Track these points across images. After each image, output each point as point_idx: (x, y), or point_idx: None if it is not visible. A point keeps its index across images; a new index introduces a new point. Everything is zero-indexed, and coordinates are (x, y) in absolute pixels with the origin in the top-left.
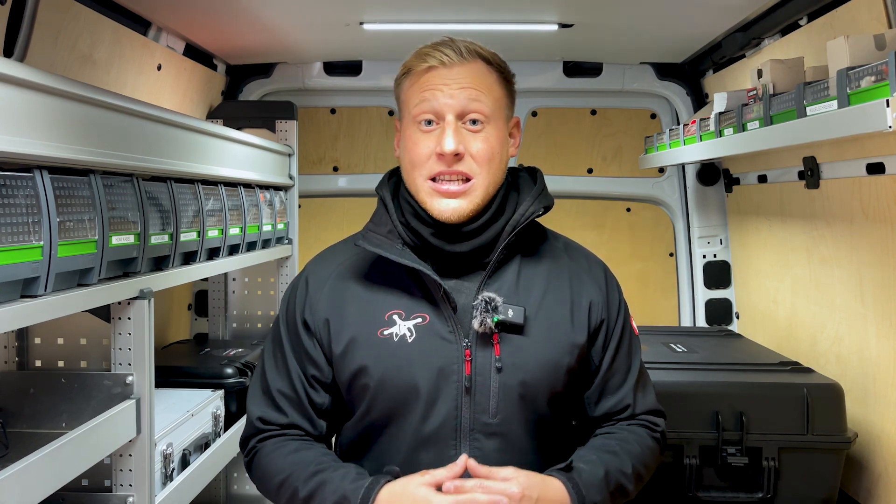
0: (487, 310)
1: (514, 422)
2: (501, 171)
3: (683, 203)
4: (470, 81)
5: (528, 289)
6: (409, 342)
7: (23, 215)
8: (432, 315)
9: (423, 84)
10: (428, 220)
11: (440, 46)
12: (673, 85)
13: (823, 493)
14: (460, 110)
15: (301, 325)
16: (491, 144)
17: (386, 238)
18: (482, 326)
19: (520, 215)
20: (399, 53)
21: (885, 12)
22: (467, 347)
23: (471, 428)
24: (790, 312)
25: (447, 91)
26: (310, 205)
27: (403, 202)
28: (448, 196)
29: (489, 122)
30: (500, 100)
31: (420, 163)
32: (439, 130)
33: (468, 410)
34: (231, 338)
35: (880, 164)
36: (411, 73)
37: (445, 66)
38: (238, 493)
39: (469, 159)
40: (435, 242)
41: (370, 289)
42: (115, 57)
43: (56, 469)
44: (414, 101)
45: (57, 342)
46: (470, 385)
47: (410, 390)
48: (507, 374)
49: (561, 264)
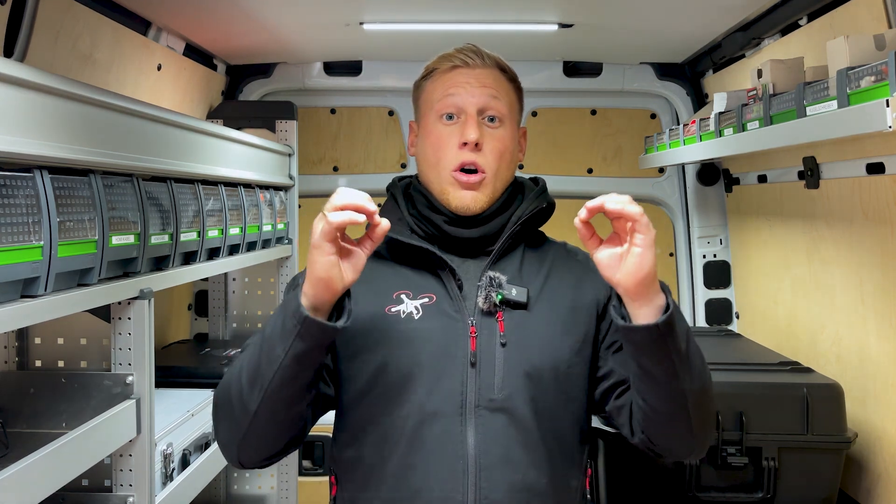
0: (492, 285)
1: (519, 398)
2: (511, 171)
3: (683, 203)
4: (490, 82)
5: (530, 275)
6: (415, 319)
7: (23, 215)
8: (439, 295)
9: (446, 81)
10: (442, 210)
11: (464, 50)
12: (673, 85)
13: (823, 493)
14: (481, 106)
15: None
16: (505, 143)
17: (395, 224)
18: (486, 303)
19: (524, 208)
20: (399, 53)
21: (885, 12)
22: (472, 324)
23: (476, 403)
24: (790, 312)
25: (469, 88)
26: (310, 205)
27: (416, 196)
28: (467, 187)
29: (504, 122)
30: (513, 104)
31: (444, 154)
32: (461, 123)
33: (473, 386)
34: (231, 338)
35: (880, 164)
36: (435, 72)
37: (469, 67)
38: (238, 493)
39: (486, 153)
40: (447, 229)
41: (379, 271)
42: (115, 57)
43: (56, 469)
44: (437, 97)
45: (57, 342)
46: (475, 361)
47: (415, 366)
48: (512, 350)
49: (562, 258)
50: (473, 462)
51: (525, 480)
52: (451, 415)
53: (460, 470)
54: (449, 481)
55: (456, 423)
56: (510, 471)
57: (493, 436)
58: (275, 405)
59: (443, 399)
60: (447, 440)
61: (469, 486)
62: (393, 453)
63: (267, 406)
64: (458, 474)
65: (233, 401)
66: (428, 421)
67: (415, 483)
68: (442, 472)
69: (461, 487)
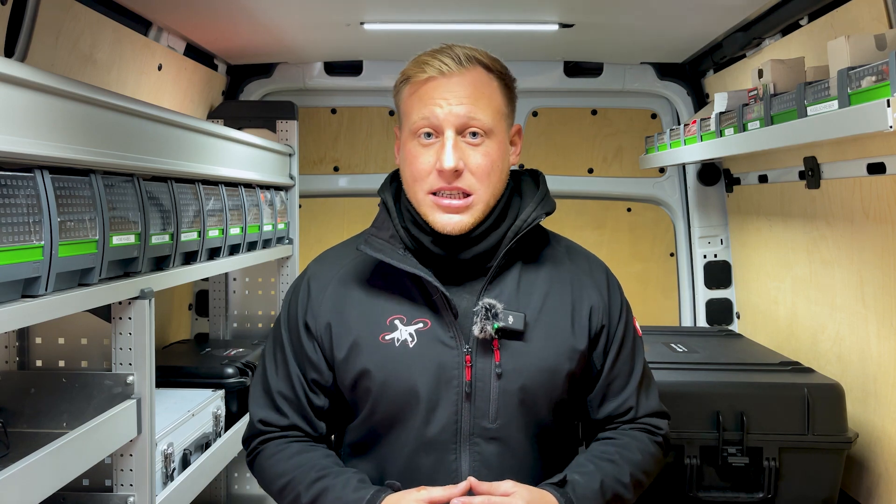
0: (488, 317)
1: (514, 427)
2: (502, 182)
3: (684, 203)
4: (469, 93)
5: (528, 294)
6: (410, 347)
7: (23, 215)
8: (433, 321)
9: (422, 96)
10: (427, 228)
11: (438, 54)
12: (673, 85)
13: (824, 493)
14: (460, 125)
15: (303, 329)
16: (491, 158)
17: (388, 243)
18: (482, 333)
19: (521, 221)
20: (399, 53)
21: (886, 12)
22: (468, 353)
23: (471, 433)
24: (791, 312)
25: (446, 106)
26: (310, 205)
27: (404, 209)
28: (449, 211)
29: (489, 135)
30: (500, 110)
31: (420, 177)
32: (439, 144)
33: (468, 415)
34: (231, 338)
35: (881, 164)
36: (409, 81)
37: (444, 76)
38: (239, 492)
39: (468, 175)
40: (435, 250)
41: (372, 293)
42: (115, 57)
43: (57, 469)
44: (413, 114)
45: (58, 342)
46: (470, 391)
47: (411, 395)
48: (507, 380)
49: (562, 269)
50: None
51: None
52: (446, 443)
53: None
54: None
55: (450, 452)
56: None
57: (486, 463)
58: None
59: (438, 429)
60: (441, 468)
61: None
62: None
63: None
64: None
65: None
66: (423, 449)
67: None
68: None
69: None
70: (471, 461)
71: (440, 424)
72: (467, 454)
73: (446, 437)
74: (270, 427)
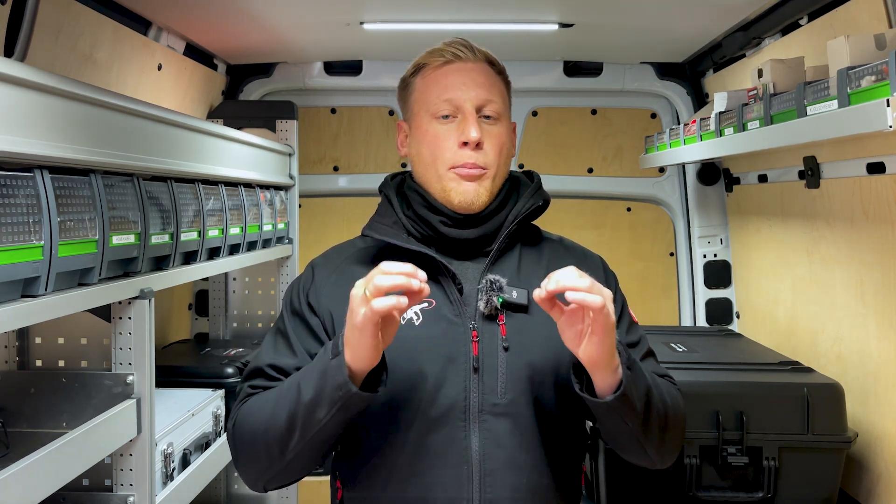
0: (493, 288)
1: (523, 402)
2: (507, 167)
3: (684, 203)
4: (484, 79)
5: (529, 276)
6: (415, 325)
7: (23, 215)
8: (438, 299)
9: (441, 79)
10: (438, 207)
11: (454, 44)
12: (673, 85)
13: (824, 492)
14: (479, 104)
15: (306, 307)
16: (503, 139)
17: (391, 228)
18: (488, 307)
19: (521, 206)
20: (399, 53)
21: (886, 12)
22: (474, 329)
23: (479, 409)
24: (791, 312)
25: (465, 87)
26: (310, 204)
27: (411, 195)
28: (470, 179)
29: (500, 119)
30: (506, 100)
31: (441, 154)
32: (458, 122)
33: (477, 391)
34: (231, 337)
35: (881, 164)
36: (425, 68)
37: (461, 61)
38: (238, 492)
39: (486, 150)
40: (443, 230)
41: None
42: (115, 57)
43: (57, 469)
44: (431, 97)
45: (57, 342)
46: (478, 366)
47: (417, 373)
48: (514, 354)
49: (560, 255)
50: (478, 467)
51: (529, 483)
52: (455, 421)
53: (465, 475)
54: (454, 487)
55: (460, 429)
56: (514, 474)
57: (497, 440)
58: (311, 453)
59: (446, 406)
60: (451, 446)
61: (474, 490)
62: (398, 459)
63: (302, 454)
64: (463, 480)
65: (261, 447)
66: (432, 427)
67: (420, 489)
68: (447, 479)
69: (466, 493)
70: (480, 438)
71: (448, 401)
72: (476, 431)
73: (455, 413)
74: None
